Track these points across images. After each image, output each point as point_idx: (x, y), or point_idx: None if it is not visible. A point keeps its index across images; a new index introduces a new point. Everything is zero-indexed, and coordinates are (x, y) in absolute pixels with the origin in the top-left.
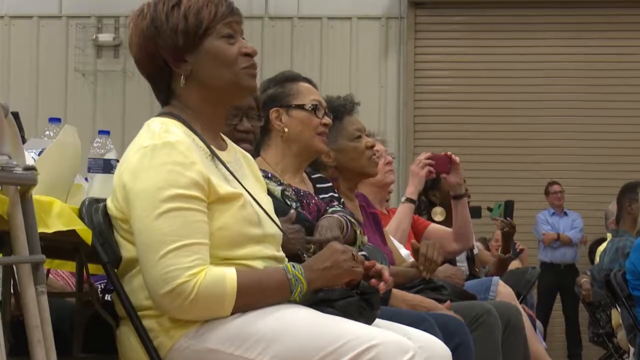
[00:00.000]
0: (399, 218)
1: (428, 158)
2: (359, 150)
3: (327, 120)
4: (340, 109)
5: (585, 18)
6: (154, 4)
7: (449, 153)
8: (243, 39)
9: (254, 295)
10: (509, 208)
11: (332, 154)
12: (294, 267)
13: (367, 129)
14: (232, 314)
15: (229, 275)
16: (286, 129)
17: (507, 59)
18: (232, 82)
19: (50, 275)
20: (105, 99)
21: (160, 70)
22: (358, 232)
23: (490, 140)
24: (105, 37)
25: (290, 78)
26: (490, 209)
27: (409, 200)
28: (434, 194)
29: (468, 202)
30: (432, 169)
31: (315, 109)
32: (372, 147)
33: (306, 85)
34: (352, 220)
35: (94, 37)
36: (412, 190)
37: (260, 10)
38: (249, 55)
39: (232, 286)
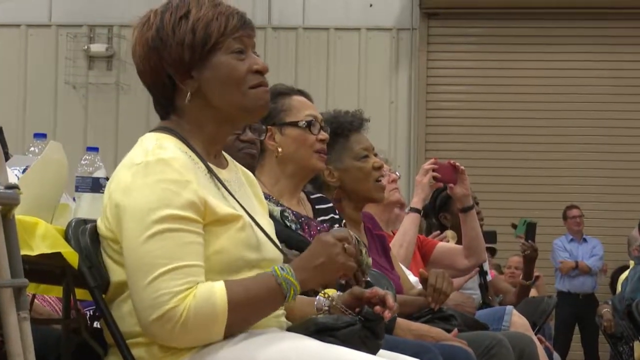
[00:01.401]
0: (404, 229)
1: (433, 166)
2: (365, 171)
3: (324, 135)
4: (347, 126)
5: (609, 31)
6: (161, 13)
7: (452, 161)
8: (255, 53)
9: (246, 307)
10: (531, 230)
11: (336, 173)
12: (282, 269)
13: (373, 147)
14: (226, 332)
15: (219, 290)
16: (280, 149)
17: (525, 74)
18: (240, 103)
19: (35, 300)
20: (97, 114)
21: (163, 83)
22: (364, 252)
23: (505, 161)
24: (98, 47)
25: (282, 92)
26: (514, 226)
27: (413, 210)
28: (445, 217)
29: (481, 224)
30: (436, 174)
31: (310, 125)
32: (380, 167)
33: (300, 99)
34: (358, 239)
35: (86, 47)
36: (417, 200)
37: (263, 19)
38: (260, 72)
39: (222, 304)
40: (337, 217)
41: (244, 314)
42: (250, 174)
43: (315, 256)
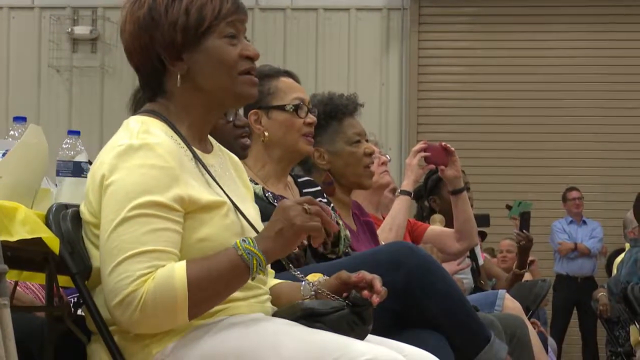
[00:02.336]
0: (394, 212)
1: (423, 147)
2: (357, 157)
3: (311, 118)
4: (341, 109)
5: (605, 9)
6: None
7: (443, 143)
8: (245, 38)
9: (209, 285)
10: (525, 220)
11: (327, 156)
12: (244, 240)
13: (365, 132)
14: (191, 314)
15: (178, 271)
16: (266, 133)
17: (519, 54)
18: (230, 88)
19: (18, 288)
20: (81, 97)
21: (152, 64)
22: (341, 224)
23: (501, 142)
24: (82, 30)
25: (268, 74)
26: (509, 207)
27: (403, 192)
28: (434, 200)
29: (472, 205)
30: (426, 154)
31: (297, 108)
32: (371, 154)
33: (287, 80)
34: (337, 220)
35: (70, 30)
36: (407, 182)
37: (251, 0)
38: (251, 58)
39: (181, 283)
40: (324, 201)
41: (207, 292)
42: (236, 158)
43: (274, 223)
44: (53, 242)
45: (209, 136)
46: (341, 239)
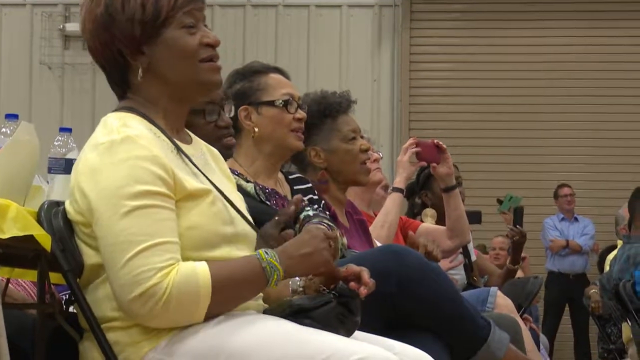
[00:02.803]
0: (386, 210)
1: (413, 144)
2: (353, 154)
3: (301, 114)
4: (335, 107)
5: (597, 5)
6: None
7: (435, 140)
8: (205, 26)
9: (229, 289)
10: (518, 215)
11: (323, 154)
12: (267, 253)
13: (360, 128)
14: (207, 315)
15: (201, 270)
16: (256, 129)
17: (511, 51)
18: (192, 77)
19: (10, 285)
20: (73, 94)
21: (115, 60)
22: (338, 234)
23: (492, 140)
24: (74, 26)
25: (258, 70)
26: (500, 201)
27: (395, 189)
28: (426, 194)
29: (463, 199)
30: (417, 149)
31: (286, 104)
32: (367, 150)
33: (276, 77)
34: (330, 223)
35: (61, 26)
36: (399, 179)
37: None
38: (211, 45)
39: (205, 283)
40: (315, 197)
41: (226, 296)
42: (214, 149)
43: (303, 245)
44: (45, 240)
45: (186, 129)
46: (337, 246)
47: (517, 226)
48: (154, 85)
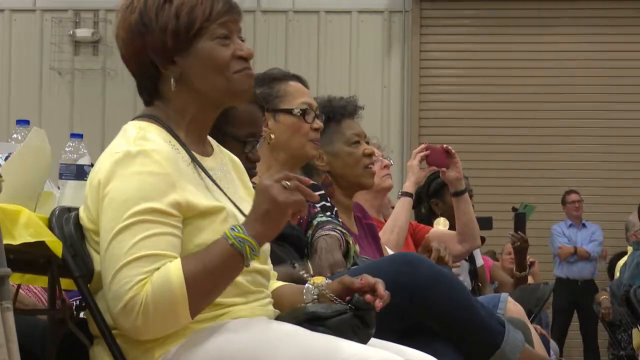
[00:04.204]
0: (396, 214)
1: (424, 148)
2: (356, 157)
3: (318, 124)
4: (340, 110)
5: (609, 12)
6: None
7: (445, 145)
8: (240, 37)
9: (206, 279)
10: (520, 221)
11: (326, 157)
12: (232, 229)
13: (365, 134)
14: (193, 311)
15: (174, 270)
16: (273, 135)
17: (521, 56)
18: (225, 88)
19: (20, 291)
20: (83, 100)
21: (146, 69)
22: (350, 241)
23: (502, 145)
24: (83, 32)
25: (278, 77)
26: (515, 209)
27: (405, 194)
28: (436, 203)
29: (473, 204)
30: (426, 152)
31: (304, 113)
32: (371, 154)
33: (295, 85)
34: (343, 230)
35: (71, 32)
36: (408, 184)
37: (252, 3)
38: (244, 58)
39: (179, 283)
40: (328, 204)
41: (204, 286)
42: (237, 159)
43: (258, 205)
44: (56, 245)
45: (209, 137)
46: (350, 253)
47: (519, 232)
48: (185, 95)
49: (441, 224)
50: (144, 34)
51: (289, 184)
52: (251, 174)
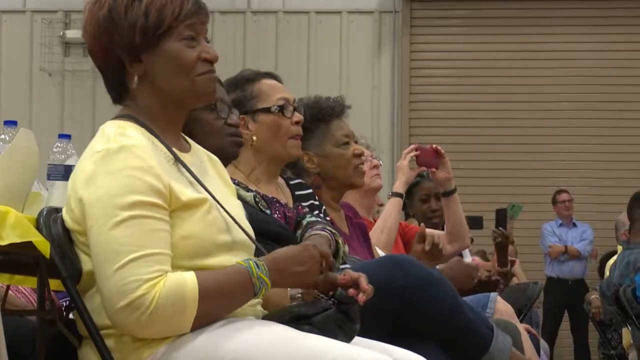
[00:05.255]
0: (385, 215)
1: (414, 149)
2: (346, 158)
3: (298, 117)
4: (328, 111)
5: (597, 11)
6: None
7: (434, 146)
8: (206, 39)
9: (216, 299)
10: (501, 217)
11: (316, 159)
12: (257, 267)
13: (354, 133)
14: (194, 325)
15: (189, 280)
16: (254, 137)
17: (512, 56)
18: (189, 89)
19: (10, 291)
20: (73, 101)
21: (113, 65)
22: (340, 241)
23: (492, 145)
24: (74, 33)
25: (250, 78)
26: (499, 210)
27: (395, 194)
28: (407, 203)
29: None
30: (416, 153)
31: (282, 109)
32: (360, 155)
33: (269, 82)
34: (333, 230)
35: (61, 33)
36: (398, 184)
37: (243, 3)
38: (209, 61)
39: (193, 294)
40: (316, 203)
41: (214, 307)
42: (214, 156)
43: (297, 263)
44: (44, 246)
45: (184, 135)
46: (339, 254)
47: (500, 228)
48: (148, 93)
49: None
50: (112, 30)
51: (324, 267)
52: (238, 142)
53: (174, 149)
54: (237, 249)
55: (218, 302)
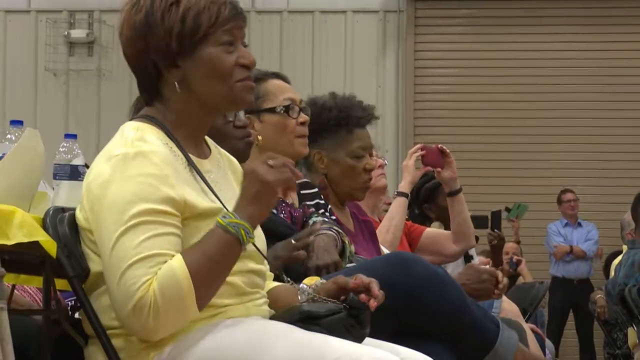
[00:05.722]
0: (391, 214)
1: (420, 148)
2: (355, 171)
3: (304, 117)
4: (353, 121)
5: (602, 11)
6: None
7: (440, 145)
8: (244, 44)
9: (209, 269)
10: (495, 219)
11: (326, 160)
12: (224, 217)
13: (373, 145)
14: (200, 303)
15: (177, 264)
16: (260, 137)
17: (516, 56)
18: (226, 95)
19: (16, 291)
20: (78, 101)
21: (148, 69)
22: (346, 241)
23: (497, 145)
24: (78, 33)
25: (256, 78)
26: (508, 210)
27: (400, 194)
28: (429, 208)
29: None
30: (422, 152)
31: (288, 109)
32: (371, 170)
33: (276, 82)
34: (339, 230)
35: (66, 33)
36: (404, 184)
37: (247, 3)
38: (247, 67)
39: (184, 276)
40: (322, 202)
41: (209, 276)
42: (235, 160)
43: (247, 188)
44: (50, 246)
45: (208, 139)
46: (345, 253)
47: (495, 230)
48: (185, 99)
49: (437, 227)
50: (148, 35)
51: (274, 162)
52: (249, 143)
53: (191, 156)
54: (247, 256)
55: (210, 271)
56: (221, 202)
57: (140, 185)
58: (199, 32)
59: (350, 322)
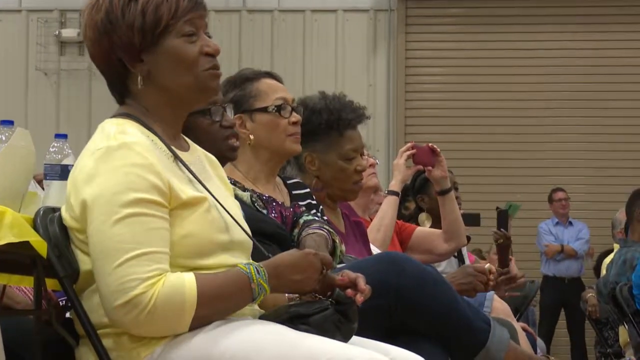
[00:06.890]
0: (382, 213)
1: (411, 147)
2: (347, 173)
3: (296, 117)
4: (345, 122)
5: (592, 10)
6: None
7: (431, 144)
8: (207, 34)
9: (215, 302)
10: (502, 218)
11: (317, 163)
12: (257, 272)
13: (364, 145)
14: (191, 325)
15: (188, 281)
16: (252, 136)
17: (507, 55)
18: (193, 85)
19: (12, 288)
20: (69, 100)
21: (115, 67)
22: (337, 241)
23: (488, 144)
24: (69, 32)
25: (249, 77)
26: (499, 209)
27: (391, 192)
28: (422, 199)
29: (459, 204)
30: (412, 151)
31: (280, 109)
32: (362, 171)
33: (268, 82)
34: (330, 229)
35: (57, 32)
36: (394, 182)
37: (238, 2)
38: (212, 55)
39: (191, 295)
40: (314, 202)
41: (212, 309)
42: (212, 156)
43: (297, 270)
44: (40, 246)
45: (183, 135)
46: (336, 253)
47: (501, 229)
48: (153, 93)
49: (425, 220)
50: (111, 33)
51: (324, 274)
52: (233, 147)
53: (173, 147)
54: (236, 249)
55: (216, 306)
56: (207, 189)
57: (127, 175)
58: (160, 24)
59: (338, 318)
